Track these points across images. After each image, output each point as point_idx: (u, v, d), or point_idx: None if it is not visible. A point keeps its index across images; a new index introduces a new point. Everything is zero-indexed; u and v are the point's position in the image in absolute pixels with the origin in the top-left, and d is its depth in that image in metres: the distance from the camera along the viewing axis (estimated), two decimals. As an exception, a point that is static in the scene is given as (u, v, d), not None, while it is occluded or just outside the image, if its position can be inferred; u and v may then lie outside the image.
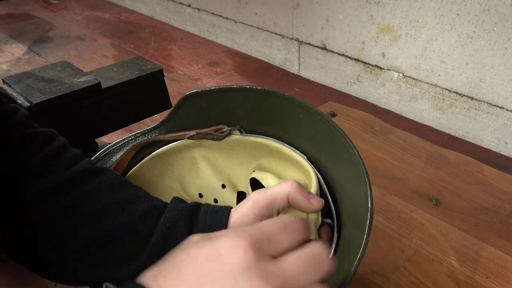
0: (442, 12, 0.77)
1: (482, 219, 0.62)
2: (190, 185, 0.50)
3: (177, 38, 1.33)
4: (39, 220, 0.38)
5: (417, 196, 0.67)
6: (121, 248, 0.38)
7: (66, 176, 0.39)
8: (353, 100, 0.97)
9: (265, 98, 0.44)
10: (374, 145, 0.79)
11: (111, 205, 0.39)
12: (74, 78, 0.64)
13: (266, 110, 0.45)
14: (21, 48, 1.24)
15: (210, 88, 0.45)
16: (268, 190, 0.38)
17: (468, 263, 0.55)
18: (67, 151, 0.42)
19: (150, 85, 0.71)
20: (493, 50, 0.73)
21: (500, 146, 0.79)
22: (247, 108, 0.46)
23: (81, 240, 0.38)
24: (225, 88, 0.45)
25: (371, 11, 0.87)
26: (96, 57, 1.18)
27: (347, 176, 0.40)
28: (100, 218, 0.38)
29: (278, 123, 0.45)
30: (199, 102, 0.46)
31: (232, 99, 0.45)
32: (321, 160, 0.43)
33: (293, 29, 1.06)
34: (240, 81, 1.05)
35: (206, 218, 0.39)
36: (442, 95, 0.84)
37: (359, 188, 0.37)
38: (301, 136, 0.44)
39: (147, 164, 0.49)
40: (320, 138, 0.42)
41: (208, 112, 0.47)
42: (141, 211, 0.39)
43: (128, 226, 0.38)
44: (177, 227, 0.38)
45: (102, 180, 0.40)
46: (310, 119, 0.42)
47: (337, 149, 0.40)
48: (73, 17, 1.51)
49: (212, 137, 0.47)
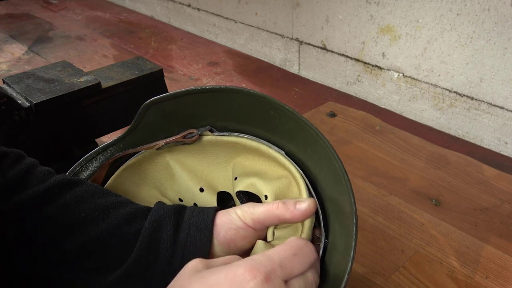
0: (442, 12, 0.77)
1: (482, 219, 0.62)
2: (169, 191, 0.49)
3: (177, 38, 1.33)
4: (20, 234, 0.37)
5: (417, 196, 0.67)
6: (108, 252, 0.38)
7: (43, 187, 0.38)
8: (353, 100, 0.97)
9: (232, 97, 0.42)
10: (374, 145, 0.79)
11: (94, 211, 0.39)
12: (74, 78, 0.64)
13: (236, 108, 0.43)
14: (21, 48, 1.24)
15: (171, 93, 0.44)
16: (257, 208, 0.39)
17: (468, 263, 0.55)
18: (40, 167, 0.41)
19: (150, 85, 0.71)
20: (493, 50, 0.73)
21: (500, 146, 0.79)
22: (216, 108, 0.44)
23: (67, 248, 0.37)
24: (186, 91, 0.43)
25: (371, 11, 0.87)
26: (96, 57, 1.18)
27: (327, 174, 0.39)
28: (85, 225, 0.38)
29: (251, 120, 0.44)
30: (163, 108, 0.45)
31: (198, 101, 0.44)
32: (300, 156, 0.42)
33: (293, 29, 1.06)
34: (240, 81, 1.05)
35: (193, 215, 0.40)
36: (442, 95, 0.84)
37: (340, 190, 0.37)
38: (276, 132, 0.43)
39: (121, 176, 0.48)
40: (294, 134, 0.41)
41: (174, 116, 0.45)
42: (126, 215, 0.39)
43: (114, 229, 0.38)
44: (162, 226, 0.39)
45: (82, 189, 0.40)
46: (280, 115, 0.41)
47: (313, 146, 0.40)
48: (73, 17, 1.51)
49: (182, 143, 0.46)
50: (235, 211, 0.39)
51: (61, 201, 0.38)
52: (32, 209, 0.38)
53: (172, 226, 0.39)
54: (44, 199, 0.38)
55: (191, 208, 0.41)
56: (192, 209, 0.41)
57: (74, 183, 0.40)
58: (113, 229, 0.38)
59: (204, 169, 0.48)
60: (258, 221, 0.39)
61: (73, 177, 0.41)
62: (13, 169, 0.39)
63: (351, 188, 0.35)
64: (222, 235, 0.39)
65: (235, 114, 0.44)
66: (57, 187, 0.39)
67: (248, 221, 0.39)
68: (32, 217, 0.37)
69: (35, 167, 0.41)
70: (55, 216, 0.38)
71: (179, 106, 0.45)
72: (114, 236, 0.38)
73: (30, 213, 0.37)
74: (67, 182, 0.40)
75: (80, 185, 0.40)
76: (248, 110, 0.43)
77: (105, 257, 0.38)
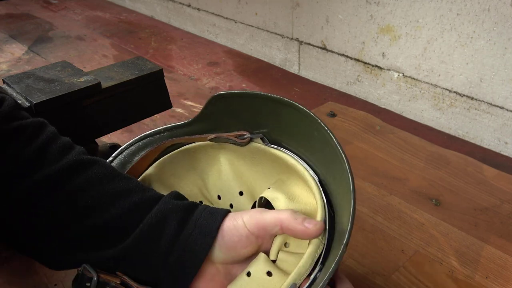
0: (442, 12, 0.77)
1: (482, 219, 0.62)
2: (211, 185, 0.50)
3: (177, 38, 1.33)
4: (29, 215, 0.38)
5: (417, 196, 0.67)
6: (107, 239, 0.39)
7: (54, 170, 0.39)
8: (353, 100, 0.97)
9: (289, 112, 0.43)
10: (374, 145, 0.79)
11: (100, 198, 0.39)
12: (74, 78, 0.64)
13: (288, 122, 0.44)
14: (21, 48, 1.24)
15: (238, 91, 0.46)
16: (266, 215, 0.39)
17: (468, 263, 0.55)
18: (56, 143, 0.41)
19: (150, 85, 0.70)
20: (493, 50, 0.73)
21: (500, 146, 0.79)
22: (271, 118, 0.45)
23: (70, 234, 0.38)
24: (254, 93, 0.45)
25: (371, 11, 0.87)
26: (96, 57, 1.18)
27: (345, 203, 0.39)
28: (89, 213, 0.38)
29: (297, 137, 0.44)
30: (228, 104, 0.46)
31: (258, 106, 0.45)
32: (330, 183, 0.42)
33: (293, 29, 1.06)
34: (240, 81, 1.05)
35: (201, 217, 0.39)
36: (442, 95, 0.84)
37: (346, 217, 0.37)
38: (315, 154, 0.44)
39: (176, 157, 0.49)
40: (328, 160, 0.42)
41: (236, 116, 0.47)
42: (131, 205, 0.39)
43: (116, 220, 0.39)
44: (167, 220, 0.39)
45: (92, 172, 0.40)
46: (322, 137, 0.41)
47: (340, 174, 0.39)
48: (73, 17, 1.51)
49: (234, 142, 0.47)
50: (242, 217, 0.39)
51: (70, 187, 0.39)
52: (39, 193, 0.38)
53: (177, 223, 0.39)
54: (52, 184, 0.38)
55: (202, 208, 0.41)
56: (203, 209, 0.40)
57: (86, 164, 0.40)
58: (117, 218, 0.39)
59: (250, 176, 0.49)
60: (263, 227, 0.38)
61: (86, 157, 0.41)
62: (28, 147, 0.39)
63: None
64: (225, 240, 0.39)
65: (287, 128, 0.45)
66: (67, 170, 0.39)
67: (252, 227, 0.38)
68: (39, 201, 0.38)
69: (51, 142, 0.41)
70: (61, 203, 0.38)
71: (242, 106, 0.46)
72: (116, 225, 0.39)
73: (37, 197, 0.38)
74: (80, 163, 0.40)
75: (91, 167, 0.40)
76: (297, 127, 0.43)
77: (103, 242, 0.39)
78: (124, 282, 0.38)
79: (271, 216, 0.38)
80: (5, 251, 0.57)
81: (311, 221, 0.37)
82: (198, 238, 0.38)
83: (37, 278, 0.53)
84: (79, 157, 0.40)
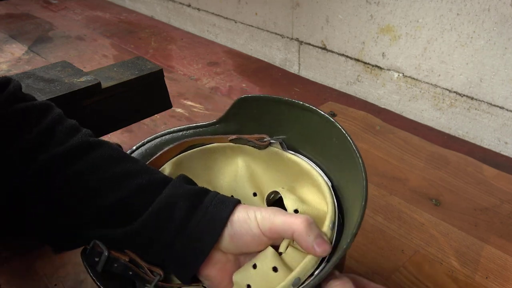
0: (442, 12, 0.77)
1: (482, 219, 0.62)
2: (227, 185, 0.51)
3: (177, 38, 1.33)
4: (35, 195, 0.38)
5: (417, 196, 0.67)
6: (114, 220, 0.39)
7: (61, 151, 0.39)
8: (353, 100, 0.97)
9: (311, 118, 0.44)
10: (374, 145, 0.79)
11: (107, 180, 0.39)
12: (74, 78, 0.64)
13: (309, 128, 0.45)
14: (21, 48, 1.24)
15: (263, 95, 0.46)
16: (278, 217, 0.38)
17: (468, 263, 0.55)
18: (63, 124, 0.41)
19: (150, 85, 0.71)
20: (493, 50, 0.73)
21: (500, 146, 0.79)
22: (292, 123, 0.46)
23: (76, 215, 0.38)
24: (279, 98, 0.46)
25: (371, 11, 0.87)
26: (96, 57, 1.18)
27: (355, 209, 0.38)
28: (96, 194, 0.38)
29: (316, 143, 0.45)
30: (252, 107, 0.47)
31: (281, 111, 0.46)
32: (344, 189, 0.42)
33: (293, 29, 1.06)
34: (240, 81, 1.05)
35: (211, 204, 0.39)
36: (442, 95, 0.84)
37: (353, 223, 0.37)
38: (331, 161, 0.44)
39: (194, 155, 0.49)
40: (344, 167, 0.42)
41: (258, 119, 0.48)
42: (139, 186, 0.39)
43: (124, 201, 0.39)
44: (177, 205, 0.38)
45: (99, 154, 0.40)
46: (342, 144, 0.41)
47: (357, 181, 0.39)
48: (73, 17, 1.51)
49: (253, 144, 0.48)
50: (255, 214, 0.38)
51: (76, 168, 0.39)
52: (45, 175, 0.38)
53: (187, 208, 0.39)
54: (58, 165, 0.38)
55: (213, 195, 0.40)
56: (214, 196, 0.40)
57: (93, 146, 0.40)
58: (124, 200, 0.39)
59: (266, 179, 0.50)
60: (276, 231, 0.38)
61: (92, 139, 0.41)
62: (35, 129, 0.39)
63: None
64: (235, 230, 0.38)
65: (306, 134, 0.45)
66: (73, 151, 0.39)
67: (265, 229, 0.38)
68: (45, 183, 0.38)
69: (58, 123, 0.41)
70: (68, 184, 0.38)
71: (265, 110, 0.47)
72: (123, 207, 0.39)
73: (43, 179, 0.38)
74: (86, 145, 0.40)
75: (98, 149, 0.40)
76: (317, 134, 0.44)
77: (110, 222, 0.39)
78: (133, 260, 0.39)
79: (284, 222, 0.37)
80: (5, 251, 0.57)
81: (321, 244, 0.36)
82: (207, 227, 0.38)
83: (37, 278, 0.53)
84: (85, 139, 0.40)
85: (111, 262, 0.38)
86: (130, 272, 0.39)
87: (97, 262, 0.38)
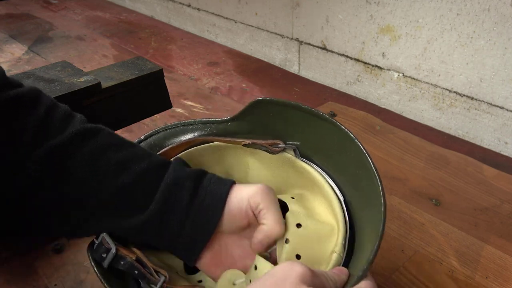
0: (442, 12, 0.77)
1: (482, 219, 0.62)
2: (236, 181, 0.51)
3: (177, 38, 1.33)
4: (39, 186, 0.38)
5: (417, 196, 0.67)
6: (123, 206, 0.39)
7: (61, 140, 0.38)
8: (353, 100, 0.97)
9: (327, 128, 0.44)
10: (374, 145, 0.79)
11: (110, 167, 0.39)
12: (74, 78, 0.64)
13: (324, 138, 0.45)
14: (21, 48, 1.24)
15: (281, 100, 0.46)
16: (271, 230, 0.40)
17: (468, 263, 0.55)
18: (57, 110, 0.41)
19: (150, 85, 0.71)
20: (493, 50, 0.73)
21: (500, 146, 0.79)
22: (307, 131, 0.46)
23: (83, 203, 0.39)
24: (296, 104, 0.45)
25: (371, 11, 0.87)
26: (96, 57, 1.18)
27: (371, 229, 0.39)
28: (100, 181, 0.39)
29: (330, 154, 0.45)
30: (268, 111, 0.47)
31: (297, 118, 0.46)
32: (356, 207, 0.42)
33: (293, 29, 1.06)
34: (240, 81, 1.05)
35: (211, 184, 0.41)
36: (442, 95, 0.84)
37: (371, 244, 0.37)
38: (345, 174, 0.44)
39: (206, 150, 0.49)
40: (358, 181, 0.42)
41: (273, 124, 0.47)
42: (142, 171, 0.40)
43: (128, 186, 0.39)
44: (181, 187, 0.40)
45: (98, 141, 0.40)
46: (358, 158, 0.41)
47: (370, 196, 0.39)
48: (73, 17, 1.51)
49: (267, 149, 0.47)
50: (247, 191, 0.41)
51: (77, 156, 0.39)
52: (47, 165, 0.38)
53: (191, 188, 0.40)
54: (61, 155, 0.38)
55: (210, 175, 0.42)
56: (212, 176, 0.42)
57: (91, 133, 0.40)
58: (128, 186, 0.39)
59: (276, 184, 0.50)
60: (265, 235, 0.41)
61: (90, 125, 0.41)
62: (32, 114, 0.39)
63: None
64: (230, 208, 0.41)
65: (321, 145, 0.45)
66: (74, 139, 0.39)
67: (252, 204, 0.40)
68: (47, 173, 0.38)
69: (52, 111, 0.40)
70: (71, 172, 0.38)
71: (281, 115, 0.46)
72: (128, 193, 0.39)
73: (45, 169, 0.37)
74: (84, 132, 0.40)
75: (96, 136, 0.41)
76: (333, 145, 0.44)
77: (118, 212, 0.39)
78: (139, 259, 0.39)
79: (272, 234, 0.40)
80: (5, 251, 0.57)
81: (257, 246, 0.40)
82: (210, 204, 0.40)
83: (37, 278, 0.53)
84: (83, 125, 0.40)
85: (118, 260, 0.39)
86: (135, 271, 0.39)
87: (103, 258, 0.38)
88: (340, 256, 0.39)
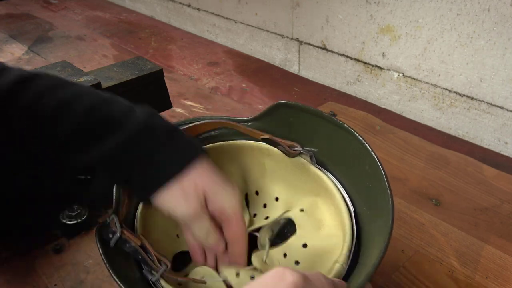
0: (442, 12, 0.77)
1: (482, 219, 0.62)
2: (252, 180, 0.52)
3: (177, 38, 1.33)
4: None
5: (417, 196, 0.67)
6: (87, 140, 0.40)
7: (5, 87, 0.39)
8: (353, 100, 0.97)
9: (347, 139, 0.44)
10: (374, 145, 0.79)
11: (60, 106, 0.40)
12: (74, 78, 0.64)
13: (341, 148, 0.45)
14: (21, 48, 1.24)
15: (303, 105, 0.46)
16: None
17: (468, 263, 0.55)
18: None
19: (150, 85, 0.71)
20: (493, 50, 0.73)
21: (500, 146, 0.79)
22: (325, 139, 0.46)
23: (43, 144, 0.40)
24: (317, 111, 0.46)
25: (371, 11, 0.88)
26: (96, 57, 1.18)
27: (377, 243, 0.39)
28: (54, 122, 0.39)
29: (345, 164, 0.45)
30: (289, 114, 0.47)
31: (317, 125, 0.46)
32: (365, 218, 0.42)
33: (293, 29, 1.06)
34: (240, 81, 1.05)
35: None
36: (442, 95, 0.84)
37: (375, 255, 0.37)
38: (357, 185, 0.44)
39: (220, 147, 0.50)
40: (372, 195, 0.42)
41: (294, 128, 0.47)
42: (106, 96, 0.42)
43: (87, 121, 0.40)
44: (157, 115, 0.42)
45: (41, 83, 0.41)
46: (373, 171, 0.41)
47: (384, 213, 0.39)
48: (73, 17, 1.51)
49: (283, 149, 0.47)
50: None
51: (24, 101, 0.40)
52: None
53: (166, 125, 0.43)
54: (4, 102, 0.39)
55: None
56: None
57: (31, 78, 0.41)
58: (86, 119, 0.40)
59: (289, 187, 0.50)
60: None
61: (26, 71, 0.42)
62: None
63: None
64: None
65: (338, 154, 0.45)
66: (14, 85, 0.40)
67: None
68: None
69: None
70: (20, 118, 0.39)
71: (302, 121, 0.47)
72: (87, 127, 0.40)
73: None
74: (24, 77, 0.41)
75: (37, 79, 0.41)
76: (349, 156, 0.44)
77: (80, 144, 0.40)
78: (143, 245, 0.40)
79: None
80: (5, 251, 0.57)
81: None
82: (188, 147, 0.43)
83: (37, 278, 0.53)
84: (20, 72, 0.41)
85: (122, 243, 0.40)
86: (139, 256, 0.40)
87: (110, 238, 0.40)
88: (342, 266, 0.39)
